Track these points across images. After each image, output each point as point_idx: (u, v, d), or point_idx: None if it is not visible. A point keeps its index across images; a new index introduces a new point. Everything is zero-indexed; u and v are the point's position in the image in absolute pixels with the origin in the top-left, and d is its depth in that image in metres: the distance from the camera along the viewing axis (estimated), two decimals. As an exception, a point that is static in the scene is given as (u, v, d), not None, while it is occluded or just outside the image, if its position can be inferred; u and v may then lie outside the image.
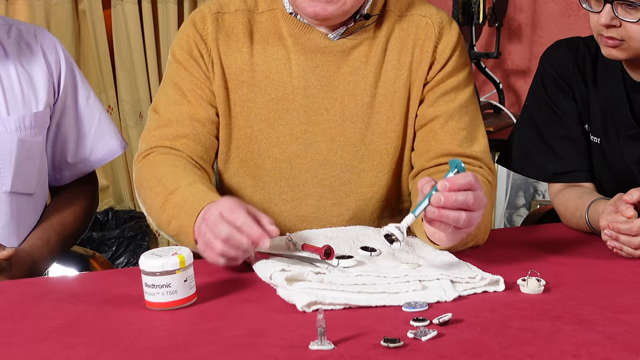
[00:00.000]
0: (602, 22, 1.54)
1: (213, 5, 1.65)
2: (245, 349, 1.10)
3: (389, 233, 1.32)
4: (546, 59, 1.77)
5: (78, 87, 1.81)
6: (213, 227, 1.33)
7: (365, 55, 1.62)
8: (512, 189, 3.25)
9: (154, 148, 1.61)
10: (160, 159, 1.58)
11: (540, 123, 1.76)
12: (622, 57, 1.58)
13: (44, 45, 1.76)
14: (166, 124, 1.62)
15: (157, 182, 1.53)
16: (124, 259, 3.39)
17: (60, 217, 1.78)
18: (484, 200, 1.34)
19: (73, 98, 1.80)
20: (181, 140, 1.60)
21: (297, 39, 1.61)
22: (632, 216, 1.44)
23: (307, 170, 1.64)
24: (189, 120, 1.62)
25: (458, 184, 1.31)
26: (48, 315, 1.25)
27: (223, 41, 1.63)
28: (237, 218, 1.32)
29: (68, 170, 1.84)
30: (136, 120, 3.54)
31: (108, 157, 1.86)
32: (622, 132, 1.67)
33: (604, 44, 1.59)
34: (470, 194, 1.31)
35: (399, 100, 1.63)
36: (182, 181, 1.49)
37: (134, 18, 3.41)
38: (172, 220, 1.46)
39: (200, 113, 1.62)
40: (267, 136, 1.63)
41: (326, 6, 1.53)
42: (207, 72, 1.63)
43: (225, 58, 1.63)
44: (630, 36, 1.53)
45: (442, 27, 1.63)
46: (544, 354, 1.06)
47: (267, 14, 1.64)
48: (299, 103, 1.62)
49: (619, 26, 1.54)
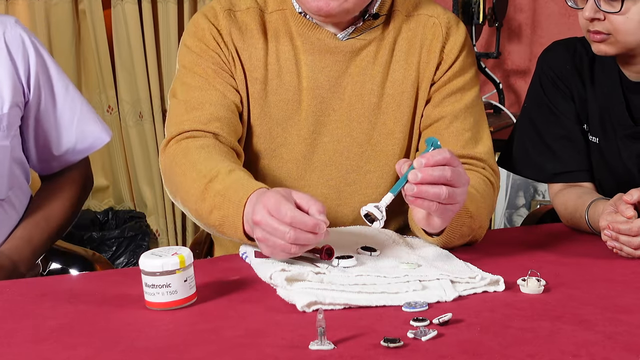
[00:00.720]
0: (586, 15, 1.56)
1: (224, 2, 1.63)
2: (245, 349, 1.10)
3: (368, 212, 1.33)
4: (544, 60, 1.78)
5: (53, 79, 1.72)
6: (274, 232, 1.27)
7: (373, 55, 1.62)
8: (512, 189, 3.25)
9: (186, 132, 1.54)
10: (193, 144, 1.51)
11: (539, 124, 1.76)
12: (612, 52, 1.59)
13: (8, 39, 1.64)
14: (197, 107, 1.56)
15: (191, 168, 1.46)
16: (124, 259, 3.39)
17: (45, 211, 1.72)
18: (464, 176, 1.34)
19: (49, 92, 1.71)
20: (215, 124, 1.54)
21: (307, 39, 1.61)
22: (632, 216, 1.44)
23: (313, 170, 1.64)
24: (219, 104, 1.56)
25: (434, 159, 1.30)
26: (48, 315, 1.25)
27: (237, 36, 1.60)
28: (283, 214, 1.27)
29: (55, 161, 1.77)
30: (136, 120, 3.54)
31: (96, 144, 1.79)
32: (619, 132, 1.67)
33: (592, 40, 1.60)
34: (447, 169, 1.31)
35: (407, 101, 1.63)
36: (222, 168, 1.43)
37: (134, 18, 3.41)
38: (214, 210, 1.40)
39: (229, 97, 1.58)
40: (274, 136, 1.62)
41: (329, 2, 1.52)
42: (228, 63, 1.60)
43: (242, 52, 1.60)
44: (616, 28, 1.55)
45: (449, 28, 1.63)
46: (544, 354, 1.06)
47: (276, 14, 1.63)
48: (307, 104, 1.61)
49: (604, 19, 1.56)
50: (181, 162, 1.50)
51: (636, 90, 1.65)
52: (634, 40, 1.56)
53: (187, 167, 1.48)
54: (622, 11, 1.53)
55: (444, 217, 1.37)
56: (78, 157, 1.79)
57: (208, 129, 1.53)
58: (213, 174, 1.43)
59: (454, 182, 1.31)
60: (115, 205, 3.67)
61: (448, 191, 1.31)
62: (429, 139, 1.37)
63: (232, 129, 1.57)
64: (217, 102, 1.56)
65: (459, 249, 1.49)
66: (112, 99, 3.53)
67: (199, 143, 1.51)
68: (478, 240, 1.54)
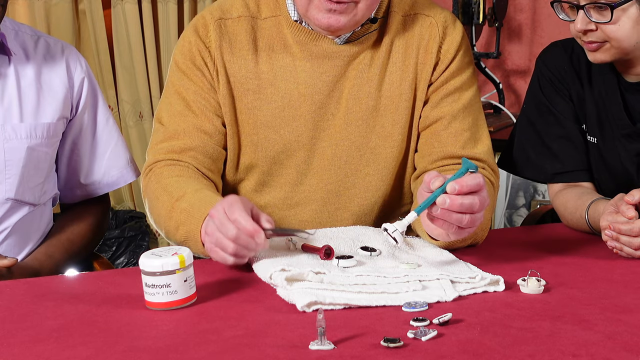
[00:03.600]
0: (578, 27, 1.57)
1: (215, 11, 1.63)
2: (245, 349, 1.10)
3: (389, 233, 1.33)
4: (542, 61, 1.78)
5: (99, 107, 1.81)
6: (220, 226, 1.33)
7: (370, 58, 1.61)
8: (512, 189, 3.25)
9: (160, 161, 1.59)
10: (166, 171, 1.57)
11: (538, 124, 1.77)
12: (608, 58, 1.60)
13: (70, 59, 1.76)
14: (173, 136, 1.61)
15: (162, 191, 1.52)
16: (124, 259, 3.39)
17: (68, 234, 1.78)
18: (487, 200, 1.34)
19: (92, 117, 1.80)
20: (188, 153, 1.59)
21: (304, 47, 1.60)
22: (633, 217, 1.44)
23: (313, 175, 1.63)
24: (195, 132, 1.60)
25: (467, 185, 1.29)
26: (48, 315, 1.25)
27: (227, 49, 1.61)
28: (232, 212, 1.32)
29: (79, 189, 1.83)
30: (136, 120, 3.54)
31: (120, 182, 1.85)
32: (617, 132, 1.67)
33: (588, 50, 1.61)
34: (476, 198, 1.30)
35: (405, 102, 1.62)
36: (188, 188, 1.48)
37: (134, 18, 3.41)
38: (180, 227, 1.45)
39: (206, 124, 1.61)
40: (273, 143, 1.62)
41: (339, 18, 1.52)
42: (212, 81, 1.61)
43: (230, 66, 1.61)
44: (610, 36, 1.55)
45: (446, 27, 1.63)
46: (544, 354, 1.06)
47: (270, 21, 1.62)
48: (305, 110, 1.61)
49: (596, 30, 1.56)
50: (154, 187, 1.56)
51: (633, 90, 1.65)
52: (628, 45, 1.56)
53: (159, 191, 1.54)
54: (612, 20, 1.53)
55: (456, 236, 1.38)
56: (101, 190, 1.85)
57: (181, 158, 1.59)
58: (180, 194, 1.48)
59: (478, 210, 1.32)
60: (115, 205, 3.67)
61: (470, 217, 1.31)
62: (465, 160, 1.34)
63: (207, 156, 1.60)
64: (193, 130, 1.60)
65: (459, 249, 1.49)
66: (112, 98, 3.53)
67: (172, 169, 1.57)
68: (480, 241, 1.54)
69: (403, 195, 1.70)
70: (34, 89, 1.69)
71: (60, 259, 1.74)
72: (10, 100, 1.66)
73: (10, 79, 1.66)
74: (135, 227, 3.44)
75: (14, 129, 1.65)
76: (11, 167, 1.65)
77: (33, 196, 1.70)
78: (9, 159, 1.65)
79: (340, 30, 1.56)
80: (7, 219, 1.67)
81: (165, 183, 1.53)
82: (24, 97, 1.67)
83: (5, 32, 1.67)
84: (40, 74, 1.70)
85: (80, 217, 1.82)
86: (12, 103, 1.66)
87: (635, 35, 1.55)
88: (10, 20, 1.73)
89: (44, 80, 1.71)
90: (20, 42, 1.71)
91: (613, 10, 1.51)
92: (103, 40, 3.46)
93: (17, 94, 1.67)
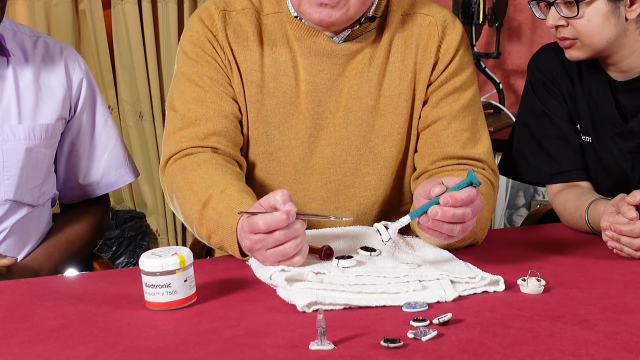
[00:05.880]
0: (550, 23, 1.62)
1: (219, 3, 1.62)
2: (245, 349, 1.09)
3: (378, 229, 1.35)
4: (533, 64, 1.81)
5: (97, 108, 1.81)
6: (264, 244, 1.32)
7: (369, 57, 1.61)
8: (512, 189, 3.25)
9: (184, 150, 1.55)
10: (190, 162, 1.53)
11: (533, 127, 1.78)
12: (583, 56, 1.63)
13: (69, 60, 1.75)
14: (193, 122, 1.57)
15: (189, 191, 1.48)
16: (124, 259, 3.39)
17: (67, 234, 1.78)
18: (480, 206, 1.35)
19: (91, 118, 1.80)
20: (212, 138, 1.55)
21: (303, 42, 1.60)
22: (634, 218, 1.44)
23: (312, 174, 1.63)
24: (216, 117, 1.57)
25: (460, 199, 1.30)
26: (48, 315, 1.25)
27: (233, 38, 1.60)
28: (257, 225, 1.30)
29: (78, 190, 1.83)
30: (136, 120, 3.54)
31: (119, 183, 1.85)
32: (610, 131, 1.68)
33: (562, 47, 1.65)
34: (468, 210, 1.31)
35: (404, 102, 1.62)
36: (215, 188, 1.45)
37: (134, 18, 3.41)
38: (212, 235, 1.44)
39: (226, 108, 1.58)
40: (272, 139, 1.62)
41: (331, 12, 1.51)
42: (225, 68, 1.60)
43: (237, 55, 1.60)
44: (579, 32, 1.59)
45: (445, 26, 1.63)
46: (544, 354, 1.06)
47: (272, 17, 1.62)
48: (305, 107, 1.61)
49: (567, 25, 1.60)
50: (180, 184, 1.52)
51: (623, 89, 1.66)
52: (598, 41, 1.59)
53: (185, 189, 1.50)
54: (579, 15, 1.57)
55: (447, 243, 1.40)
56: (100, 191, 1.85)
57: (206, 144, 1.55)
58: (207, 198, 1.44)
59: (470, 219, 1.32)
60: (115, 205, 3.67)
61: (461, 227, 1.32)
62: (470, 173, 1.34)
63: (230, 140, 1.57)
64: (214, 115, 1.57)
65: (459, 249, 1.49)
66: (112, 98, 3.53)
67: (196, 160, 1.53)
68: (479, 241, 1.54)
69: (403, 195, 1.70)
70: (33, 90, 1.68)
71: (60, 259, 1.74)
72: (9, 102, 1.66)
73: (8, 80, 1.66)
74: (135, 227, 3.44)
75: (12, 130, 1.65)
76: (10, 168, 1.65)
77: (32, 197, 1.70)
78: (8, 160, 1.65)
79: (333, 26, 1.55)
80: (6, 220, 1.67)
81: (190, 179, 1.49)
82: (23, 98, 1.67)
83: (4, 33, 1.67)
84: (38, 75, 1.70)
85: (79, 218, 1.82)
86: (11, 104, 1.66)
87: (605, 31, 1.58)
88: (9, 20, 1.73)
89: (43, 81, 1.70)
90: (19, 43, 1.71)
91: (578, 4, 1.55)
92: (103, 40, 3.45)
93: (16, 95, 1.67)
